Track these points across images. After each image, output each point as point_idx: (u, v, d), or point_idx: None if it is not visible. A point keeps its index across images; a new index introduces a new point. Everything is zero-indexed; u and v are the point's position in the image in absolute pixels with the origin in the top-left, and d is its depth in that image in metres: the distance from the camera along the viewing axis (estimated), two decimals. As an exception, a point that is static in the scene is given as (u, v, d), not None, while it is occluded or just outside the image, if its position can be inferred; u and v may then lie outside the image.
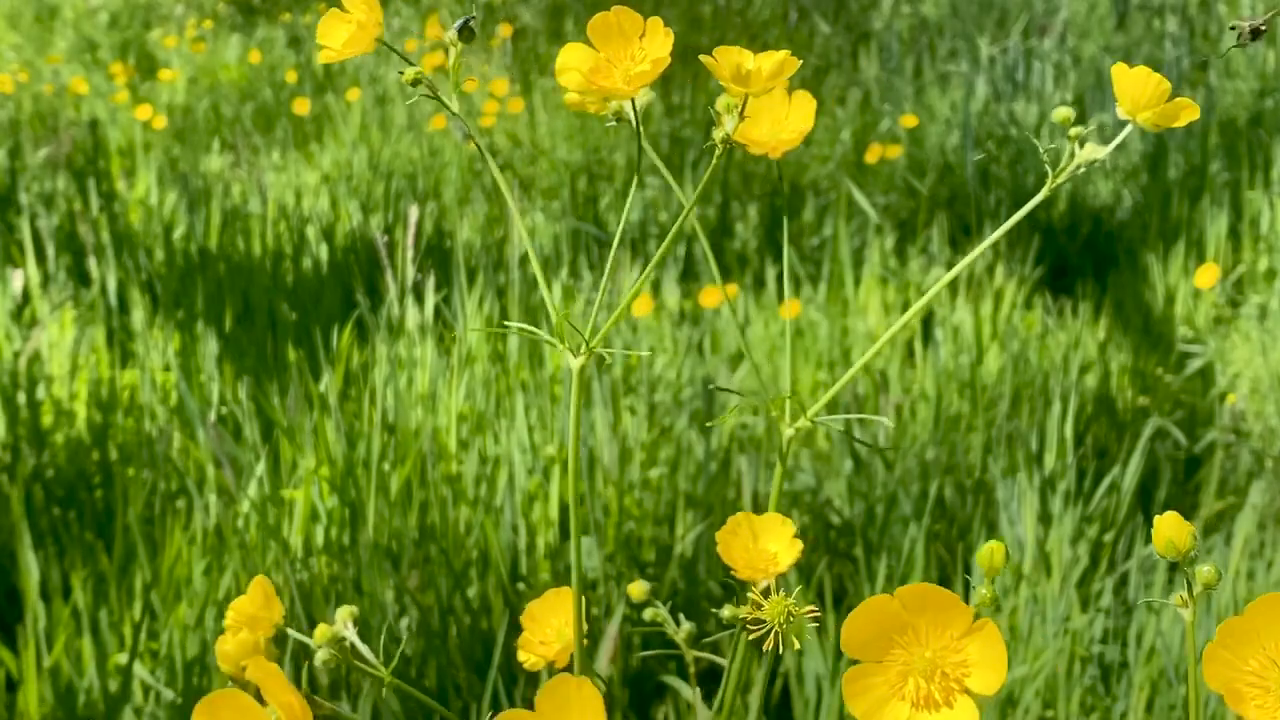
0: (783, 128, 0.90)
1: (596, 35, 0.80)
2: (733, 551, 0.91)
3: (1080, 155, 0.83)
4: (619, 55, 0.80)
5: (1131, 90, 0.79)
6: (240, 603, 0.88)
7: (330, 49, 0.86)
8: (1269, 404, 3.06)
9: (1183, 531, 0.76)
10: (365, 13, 0.84)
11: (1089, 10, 6.04)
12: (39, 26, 8.36)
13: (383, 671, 0.89)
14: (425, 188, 4.64)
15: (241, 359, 3.01)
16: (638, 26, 0.79)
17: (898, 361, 3.14)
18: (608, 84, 0.80)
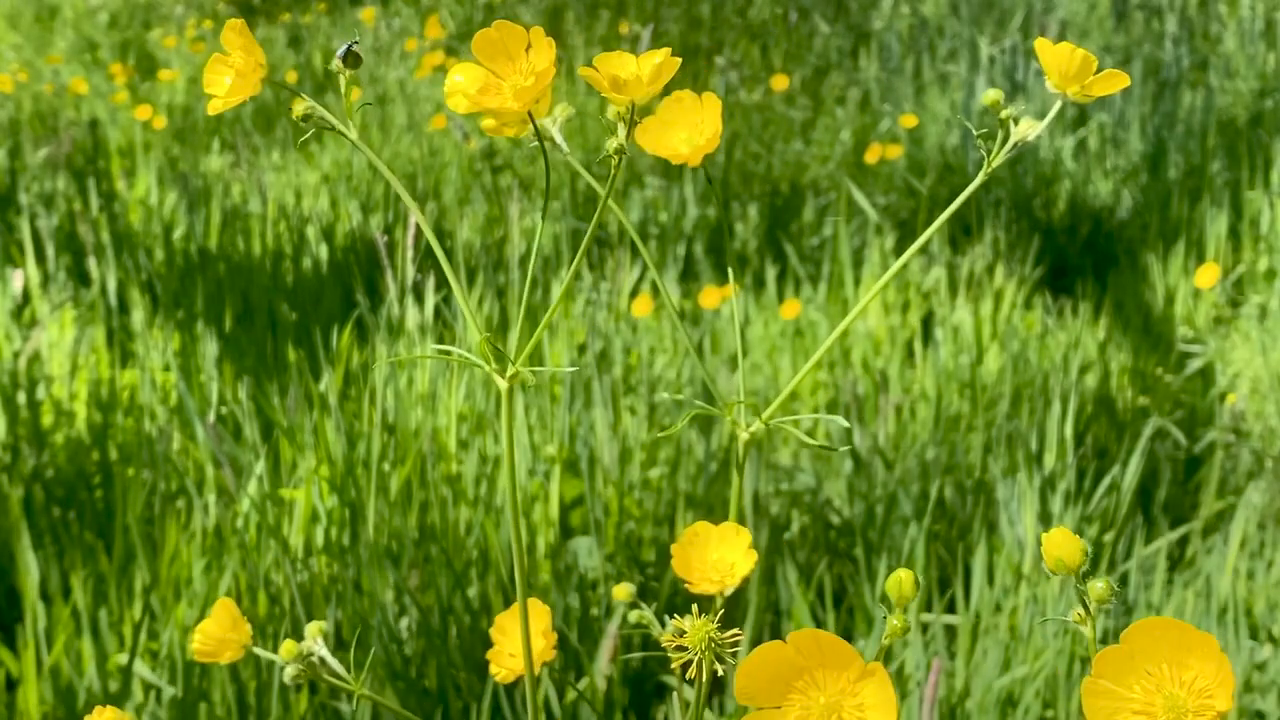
0: (698, 133, 0.88)
1: (482, 53, 0.79)
2: (689, 564, 0.89)
3: (1015, 133, 0.83)
4: (506, 71, 0.78)
5: (1059, 64, 0.80)
6: (207, 625, 0.88)
7: (217, 97, 0.85)
8: (1269, 404, 3.05)
9: (1072, 548, 0.75)
10: (243, 59, 0.84)
11: (1088, 10, 6.04)
12: (39, 26, 8.36)
13: (353, 685, 0.88)
14: (425, 188, 4.64)
15: (241, 359, 3.01)
16: (521, 40, 0.77)
17: (898, 361, 3.14)
18: (496, 103, 0.78)
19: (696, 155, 0.86)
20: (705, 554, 0.89)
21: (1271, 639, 2.14)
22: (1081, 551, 0.75)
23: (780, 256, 3.91)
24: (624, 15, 6.44)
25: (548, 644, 0.91)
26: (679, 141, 0.87)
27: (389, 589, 2.11)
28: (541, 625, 0.91)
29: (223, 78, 0.85)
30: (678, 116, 0.88)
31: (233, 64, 0.84)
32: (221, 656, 0.89)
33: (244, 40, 0.84)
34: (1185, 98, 4.83)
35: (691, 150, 0.86)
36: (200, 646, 0.89)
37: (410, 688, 1.98)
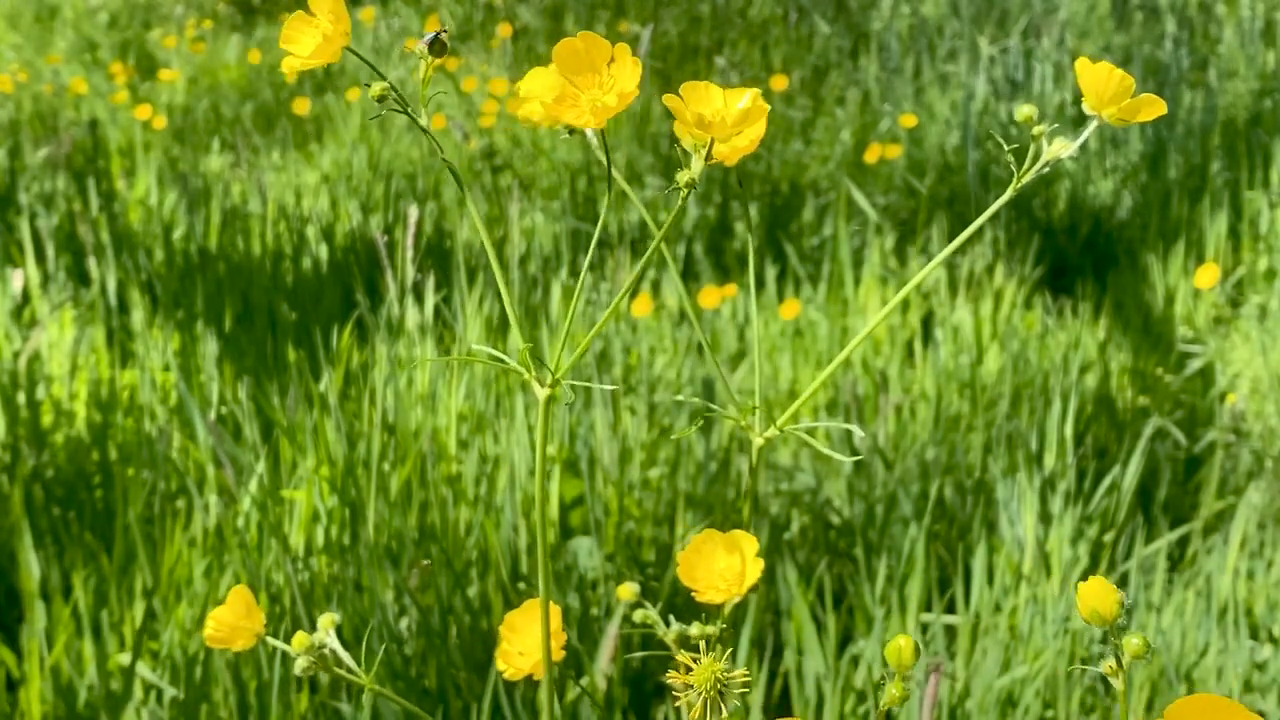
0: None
1: (563, 63, 0.77)
2: (695, 572, 0.88)
3: (1048, 151, 0.81)
4: (586, 84, 0.76)
5: (1096, 86, 0.78)
6: (221, 612, 0.88)
7: (296, 57, 0.82)
8: (1269, 404, 3.06)
9: (1109, 600, 0.73)
10: (332, 23, 0.81)
11: (1089, 10, 6.04)
12: (39, 26, 8.36)
13: (364, 679, 0.88)
14: (425, 188, 4.64)
15: (241, 359, 3.01)
16: (606, 54, 0.76)
17: (898, 361, 3.14)
18: (572, 117, 0.76)
19: (733, 156, 0.84)
20: (712, 562, 0.87)
21: (1271, 639, 2.14)
22: (1118, 604, 0.73)
23: (780, 256, 3.91)
24: (624, 15, 6.44)
25: (558, 644, 0.91)
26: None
27: (389, 589, 2.11)
28: (553, 625, 0.91)
29: (307, 37, 0.82)
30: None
31: (321, 27, 0.81)
32: (234, 644, 0.89)
33: (334, 4, 0.81)
34: (1185, 98, 4.83)
35: (730, 151, 0.84)
36: (214, 633, 0.89)
37: (410, 688, 1.98)
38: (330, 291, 3.49)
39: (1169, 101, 4.72)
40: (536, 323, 3.15)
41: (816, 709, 1.96)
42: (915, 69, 5.53)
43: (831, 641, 2.00)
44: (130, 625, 2.04)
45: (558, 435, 2.51)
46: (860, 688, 2.00)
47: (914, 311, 3.39)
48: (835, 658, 2.00)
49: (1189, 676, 2.04)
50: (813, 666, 1.98)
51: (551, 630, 0.90)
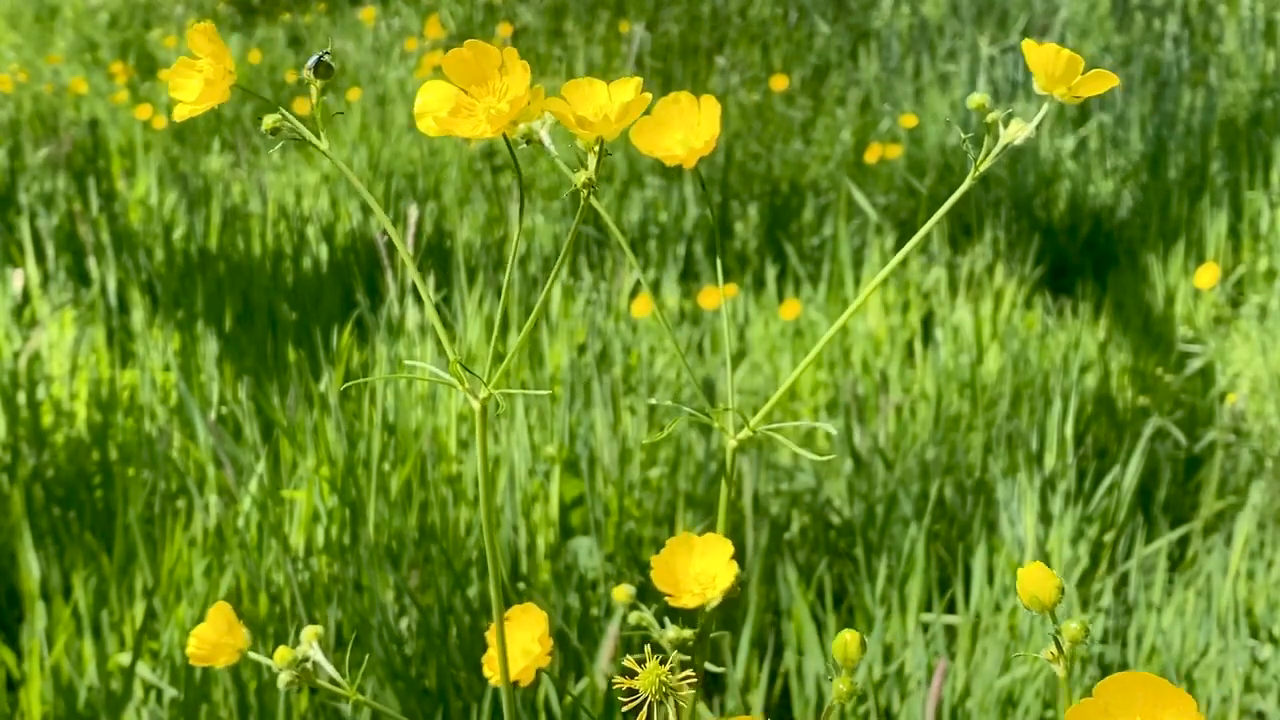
0: (695, 135, 0.85)
1: (454, 73, 0.76)
2: (672, 576, 0.86)
3: (1004, 135, 0.81)
4: (480, 93, 0.76)
5: (1045, 66, 0.79)
6: (202, 629, 0.88)
7: (184, 103, 0.82)
8: (1269, 404, 3.06)
9: (1048, 585, 0.74)
10: (213, 66, 0.80)
11: (1089, 10, 6.04)
12: (39, 26, 8.36)
13: (348, 690, 0.88)
14: (425, 188, 4.64)
15: (241, 359, 3.01)
16: (495, 61, 0.75)
17: (898, 361, 3.14)
18: (469, 128, 0.75)
19: (692, 158, 0.83)
20: (688, 566, 0.86)
21: (1272, 639, 2.14)
22: (1057, 589, 0.74)
23: (780, 256, 3.91)
24: (624, 15, 6.44)
25: (543, 650, 0.90)
26: (674, 143, 0.84)
27: (389, 589, 2.11)
28: (538, 631, 0.90)
29: (191, 82, 0.82)
30: (674, 117, 0.85)
31: (202, 70, 0.81)
32: (217, 660, 0.89)
33: (214, 46, 0.81)
34: (1185, 98, 4.83)
35: (687, 152, 0.83)
36: (195, 651, 0.88)
37: (410, 688, 1.98)
38: (330, 291, 3.49)
39: (1169, 101, 4.72)
40: (536, 322, 3.14)
41: (816, 709, 1.96)
42: (915, 69, 5.53)
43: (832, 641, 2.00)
44: (130, 625, 2.04)
45: (558, 435, 2.51)
46: (860, 688, 2.00)
47: (914, 311, 3.39)
48: (835, 658, 2.00)
49: (1189, 676, 2.04)
50: (813, 666, 1.98)
51: (536, 636, 0.90)
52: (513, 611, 0.91)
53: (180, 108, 0.82)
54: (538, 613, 0.91)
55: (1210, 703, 2.00)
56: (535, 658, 0.90)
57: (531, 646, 0.90)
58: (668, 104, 0.85)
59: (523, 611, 0.91)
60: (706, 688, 2.04)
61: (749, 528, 2.27)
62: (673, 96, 0.84)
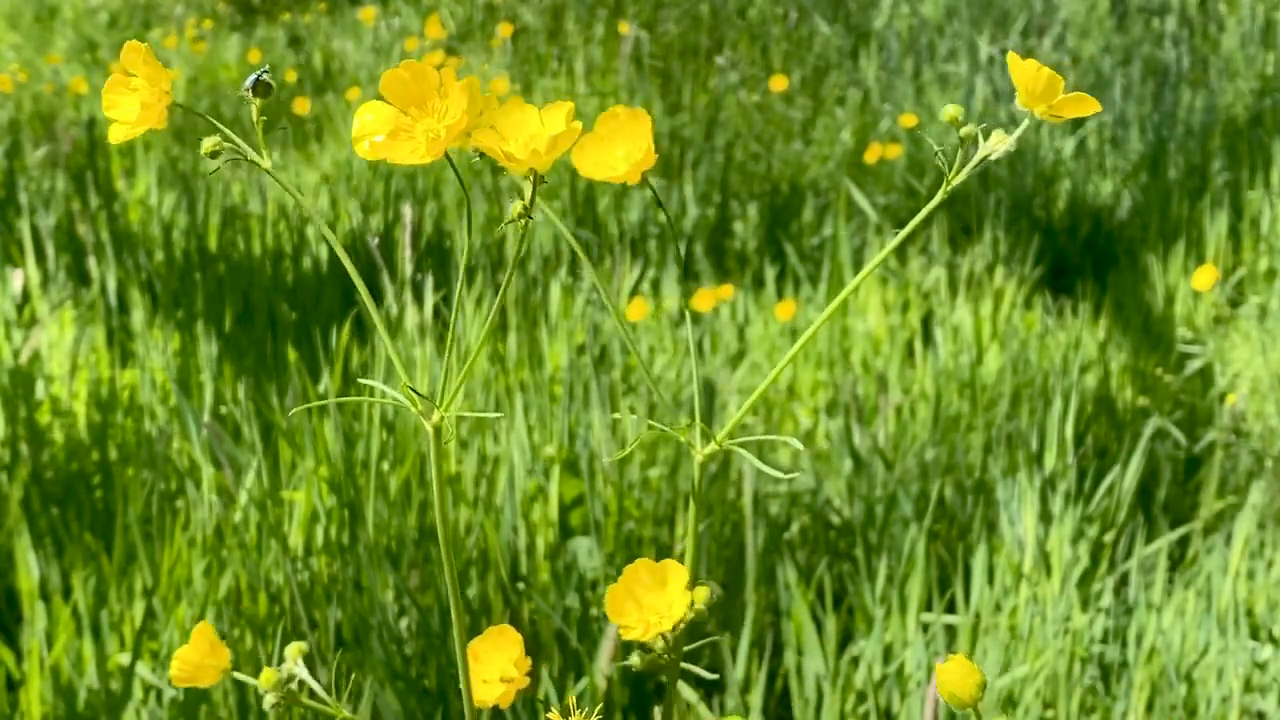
0: (636, 149, 0.82)
1: (391, 95, 0.75)
2: (624, 606, 0.82)
3: (985, 147, 0.80)
4: (418, 114, 0.75)
5: (1025, 83, 0.78)
6: (185, 651, 0.87)
7: (120, 124, 0.79)
8: (1269, 404, 3.05)
9: (969, 683, 0.74)
10: (149, 89, 0.78)
11: (1088, 10, 6.04)
12: (39, 26, 8.36)
13: (336, 709, 0.88)
14: (425, 188, 4.64)
15: (241, 359, 3.01)
16: (433, 83, 0.74)
17: (897, 361, 3.14)
18: (406, 154, 0.74)
19: (635, 172, 0.81)
20: (642, 595, 0.82)
21: (1272, 639, 2.14)
22: (978, 686, 0.73)
23: (780, 256, 3.91)
24: (623, 15, 6.44)
25: (520, 673, 0.88)
26: (616, 160, 0.82)
27: (389, 589, 2.11)
28: (514, 654, 0.89)
29: (127, 102, 0.78)
30: (615, 132, 0.81)
31: (136, 90, 0.78)
32: (200, 681, 0.88)
33: (149, 67, 0.78)
34: (1185, 98, 4.83)
35: (630, 167, 0.81)
36: (179, 672, 0.88)
37: (410, 688, 1.98)
38: (330, 291, 3.49)
39: (1169, 101, 4.71)
40: (536, 323, 3.14)
41: (816, 709, 1.96)
42: (915, 69, 5.53)
43: (831, 641, 2.00)
44: (130, 625, 2.04)
45: (557, 435, 2.51)
46: (860, 687, 2.00)
47: (914, 311, 3.39)
48: (835, 658, 2.00)
49: (1189, 676, 2.04)
50: (813, 666, 1.98)
51: (511, 659, 0.88)
52: (489, 633, 0.90)
53: (115, 128, 0.79)
54: (513, 634, 0.89)
55: (1210, 703, 2.00)
56: (515, 681, 0.88)
57: (509, 670, 0.88)
58: (607, 119, 0.82)
59: (499, 633, 0.90)
60: (707, 688, 2.04)
61: (748, 528, 2.27)
62: (611, 111, 0.82)
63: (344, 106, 5.74)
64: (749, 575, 2.20)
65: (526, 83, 5.87)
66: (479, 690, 0.87)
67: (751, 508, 2.32)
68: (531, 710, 1.86)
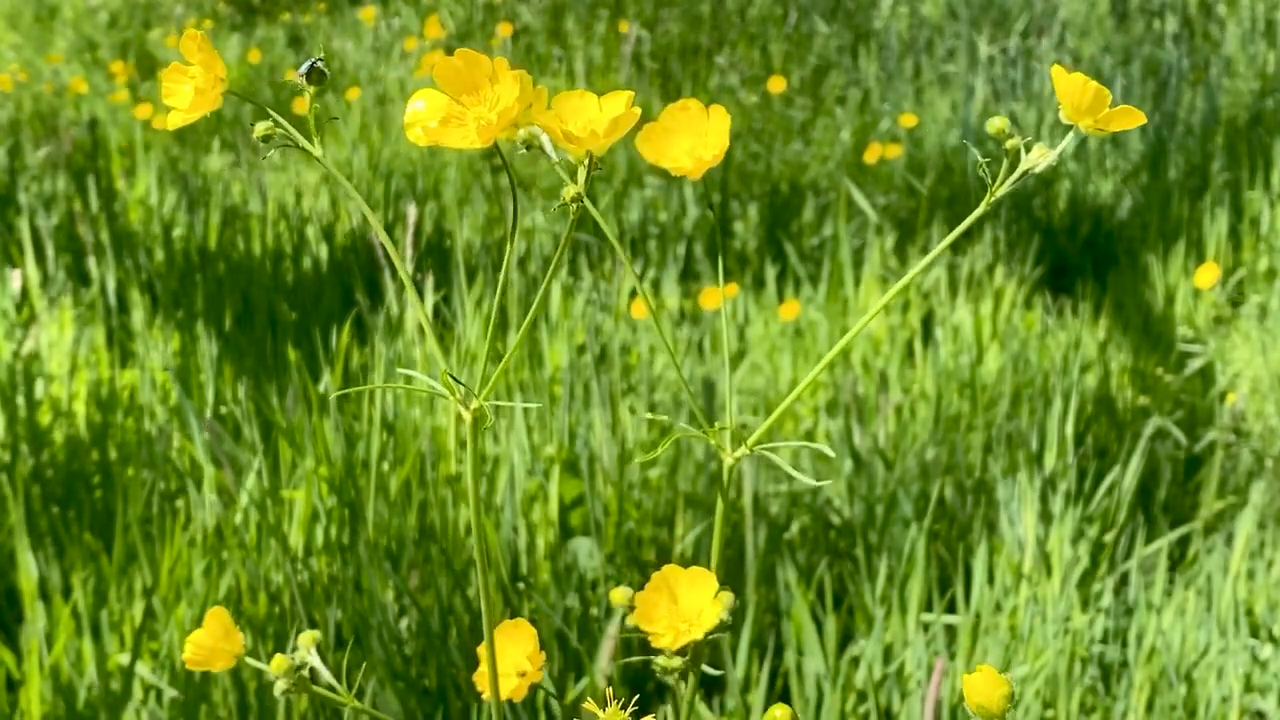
0: (703, 146, 0.82)
1: (446, 82, 0.76)
2: (651, 613, 0.81)
3: (1027, 160, 0.79)
4: (471, 101, 0.75)
5: (1071, 97, 0.77)
6: (198, 635, 0.88)
7: (177, 110, 0.82)
8: (1269, 404, 3.05)
9: (997, 694, 0.73)
10: (204, 75, 0.81)
11: (1089, 10, 6.04)
12: (39, 26, 8.36)
13: (347, 697, 0.88)
14: (425, 187, 4.64)
15: (241, 359, 3.01)
16: (486, 70, 0.75)
17: (898, 361, 3.14)
18: (459, 139, 0.75)
19: (699, 169, 0.81)
20: (671, 602, 0.82)
21: (1272, 639, 2.14)
22: (1007, 698, 0.73)
23: (780, 256, 3.91)
24: (623, 15, 6.44)
25: (534, 667, 0.89)
26: (681, 153, 0.82)
27: (389, 589, 2.11)
28: (529, 648, 0.89)
29: (183, 89, 0.82)
30: (681, 125, 0.82)
31: (193, 77, 0.81)
32: (214, 666, 0.89)
33: (205, 54, 0.80)
34: (1185, 98, 4.83)
35: (694, 163, 0.81)
36: (192, 656, 0.88)
37: (410, 688, 1.98)
38: (330, 291, 3.49)
39: (1169, 101, 4.72)
40: (536, 322, 3.14)
41: (817, 709, 1.96)
42: (915, 69, 5.53)
43: (831, 641, 2.00)
44: (130, 625, 2.04)
45: (557, 435, 2.51)
46: (861, 687, 2.00)
47: (914, 311, 3.39)
48: (835, 658, 2.00)
49: (1189, 677, 2.04)
50: (813, 666, 1.98)
51: (526, 652, 0.88)
52: (503, 626, 0.90)
53: (174, 115, 0.82)
54: (528, 628, 0.89)
55: (1210, 703, 2.00)
56: (529, 675, 0.88)
57: (523, 664, 0.88)
58: (675, 111, 0.83)
59: (514, 627, 0.90)
60: (707, 688, 2.04)
61: (749, 528, 2.27)
62: (681, 104, 0.82)
63: (344, 106, 5.74)
64: (749, 575, 2.20)
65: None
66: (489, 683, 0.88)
67: (751, 508, 2.32)
68: (531, 710, 1.86)
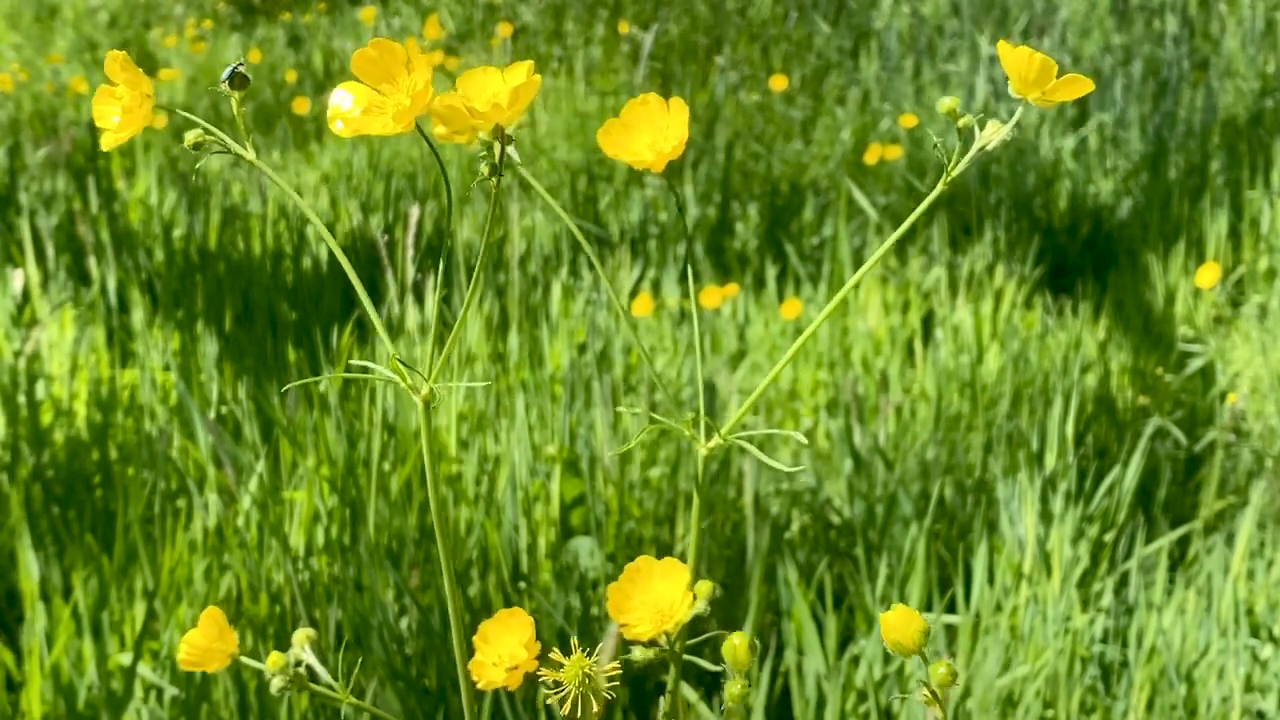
0: (663, 139, 0.82)
1: (363, 73, 0.77)
2: (624, 604, 0.81)
3: (980, 137, 0.80)
4: (389, 90, 0.77)
5: (1018, 69, 0.78)
6: (193, 635, 0.88)
7: (108, 131, 0.82)
8: (1269, 403, 3.05)
9: (912, 630, 0.75)
10: (129, 93, 0.81)
11: (1089, 9, 6.04)
12: (39, 26, 8.36)
13: (343, 694, 0.88)
14: (425, 187, 4.64)
15: (241, 359, 3.01)
16: (400, 59, 0.76)
17: (898, 361, 3.14)
18: (378, 127, 0.76)
19: (660, 161, 0.81)
20: (643, 594, 0.81)
21: (1272, 639, 2.14)
22: (922, 633, 0.74)
23: (780, 256, 3.91)
24: (623, 15, 6.44)
25: (530, 655, 0.89)
26: (642, 147, 0.82)
27: (389, 588, 2.11)
28: (525, 636, 0.89)
29: (111, 110, 0.82)
30: (642, 119, 0.82)
31: (119, 97, 0.81)
32: (208, 666, 0.89)
33: (128, 73, 0.81)
34: (1185, 97, 4.83)
35: (655, 156, 0.81)
36: (187, 656, 0.88)
37: (410, 687, 1.98)
38: (330, 291, 3.49)
39: (1169, 101, 4.71)
40: (537, 322, 3.15)
41: (817, 708, 1.96)
42: (915, 69, 5.53)
43: (832, 641, 2.00)
44: (130, 625, 2.04)
45: (558, 435, 2.51)
46: (860, 687, 2.00)
47: (914, 311, 3.39)
48: (836, 657, 2.00)
49: (1189, 676, 2.04)
50: (813, 666, 1.98)
51: (522, 641, 0.89)
52: (499, 615, 0.90)
53: (105, 136, 0.82)
54: (524, 617, 0.89)
55: (1210, 703, 2.00)
56: (523, 663, 0.88)
57: (518, 652, 0.88)
58: (635, 106, 0.83)
59: (509, 615, 0.90)
60: (707, 687, 2.04)
61: (749, 527, 2.27)
62: (641, 99, 0.83)
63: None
64: (750, 574, 2.20)
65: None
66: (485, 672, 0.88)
67: (752, 507, 2.32)
68: (532, 710, 1.86)
